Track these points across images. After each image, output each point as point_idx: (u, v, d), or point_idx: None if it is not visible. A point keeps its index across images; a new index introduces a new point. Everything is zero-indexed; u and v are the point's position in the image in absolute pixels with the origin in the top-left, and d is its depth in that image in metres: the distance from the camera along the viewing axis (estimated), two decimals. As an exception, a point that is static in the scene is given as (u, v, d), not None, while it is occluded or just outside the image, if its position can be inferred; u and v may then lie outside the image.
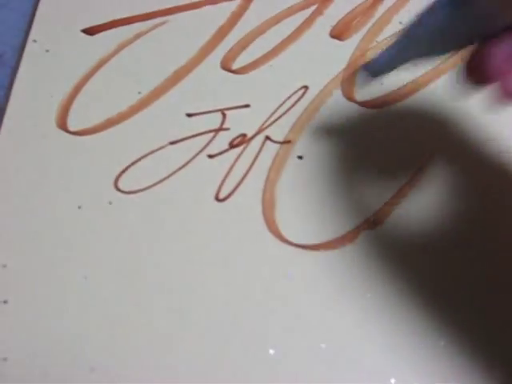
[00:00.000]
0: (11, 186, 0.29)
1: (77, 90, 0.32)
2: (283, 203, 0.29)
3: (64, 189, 0.29)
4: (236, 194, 0.29)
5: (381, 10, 0.39)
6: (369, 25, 0.38)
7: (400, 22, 0.39)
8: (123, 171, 0.29)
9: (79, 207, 0.28)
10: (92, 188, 0.29)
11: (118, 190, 0.29)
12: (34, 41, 0.34)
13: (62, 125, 0.31)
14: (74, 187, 0.29)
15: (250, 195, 0.30)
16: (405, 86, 0.35)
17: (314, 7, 0.38)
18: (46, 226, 0.28)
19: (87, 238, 0.28)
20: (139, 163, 0.30)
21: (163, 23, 0.36)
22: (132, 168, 0.30)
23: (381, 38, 0.38)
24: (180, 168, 0.30)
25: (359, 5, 0.39)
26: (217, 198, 0.29)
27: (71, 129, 0.31)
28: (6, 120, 0.31)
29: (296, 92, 0.34)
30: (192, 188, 0.29)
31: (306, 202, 0.30)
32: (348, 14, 0.38)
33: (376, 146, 0.32)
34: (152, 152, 0.30)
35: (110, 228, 0.28)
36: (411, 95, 0.35)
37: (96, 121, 0.31)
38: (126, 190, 0.29)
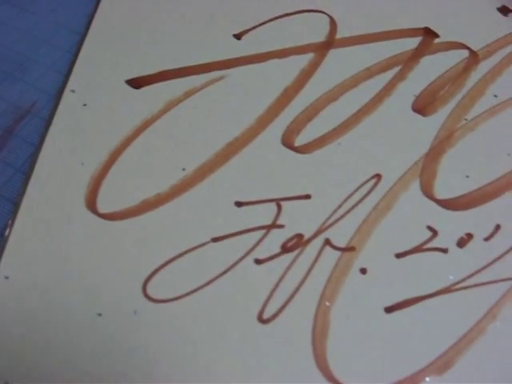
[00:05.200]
0: (23, 275, 0.25)
1: (113, 158, 0.28)
2: (337, 332, 0.25)
3: (83, 289, 0.25)
4: (283, 314, 0.25)
5: (474, 77, 0.33)
6: (458, 96, 0.33)
7: (495, 96, 0.33)
8: (154, 272, 0.25)
9: (99, 314, 0.24)
10: (116, 292, 0.25)
11: (146, 296, 0.24)
12: (72, 91, 0.30)
13: (91, 204, 0.26)
14: (95, 289, 0.25)
15: (299, 318, 0.25)
16: (499, 179, 0.30)
17: (396, 69, 0.33)
18: (59, 334, 0.24)
19: (103, 352, 0.23)
20: (174, 263, 0.25)
21: (220, 79, 0.31)
22: (165, 269, 0.25)
23: (471, 114, 0.32)
24: (221, 274, 0.25)
25: (449, 69, 0.33)
26: (260, 319, 0.25)
27: (101, 210, 0.26)
28: (29, 189, 0.27)
29: (367, 182, 0.29)
30: (232, 302, 0.25)
31: (365, 332, 0.25)
32: (435, 80, 0.33)
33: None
34: (191, 250, 0.26)
35: (132, 344, 0.24)
36: (506, 192, 0.29)
37: (130, 202, 0.27)
38: (155, 297, 0.25)
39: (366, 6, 0.35)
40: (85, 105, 0.29)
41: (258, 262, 0.26)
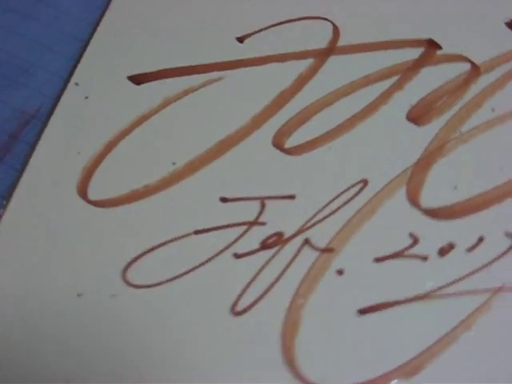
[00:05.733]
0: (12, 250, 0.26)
1: (108, 149, 0.29)
2: (308, 329, 0.25)
3: (67, 270, 0.26)
4: (256, 308, 0.25)
5: (474, 89, 0.33)
6: (455, 108, 0.33)
7: (493, 109, 0.33)
8: (135, 259, 0.26)
9: (79, 295, 0.25)
10: (97, 274, 0.26)
11: (125, 280, 0.25)
12: (76, 84, 0.31)
13: (82, 191, 0.28)
14: (78, 271, 0.26)
15: (271, 313, 0.25)
16: (488, 191, 0.30)
17: (394, 78, 0.33)
18: (40, 313, 0.25)
19: (81, 333, 0.25)
20: (155, 251, 0.26)
21: (218, 79, 0.32)
22: (146, 256, 0.26)
23: (466, 126, 0.32)
24: (200, 265, 0.26)
25: (449, 81, 0.33)
26: (232, 310, 0.25)
27: (91, 197, 0.28)
28: (25, 174, 0.28)
29: (353, 186, 0.29)
30: (208, 293, 0.26)
31: (336, 332, 0.25)
32: (433, 91, 0.33)
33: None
34: (173, 240, 0.27)
35: (108, 326, 0.25)
36: (494, 204, 0.29)
37: (120, 190, 0.28)
38: (134, 282, 0.26)
39: (370, 15, 0.36)
40: (87, 97, 0.31)
41: (236, 256, 0.27)
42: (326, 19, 0.35)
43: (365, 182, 0.29)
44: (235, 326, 0.25)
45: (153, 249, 0.26)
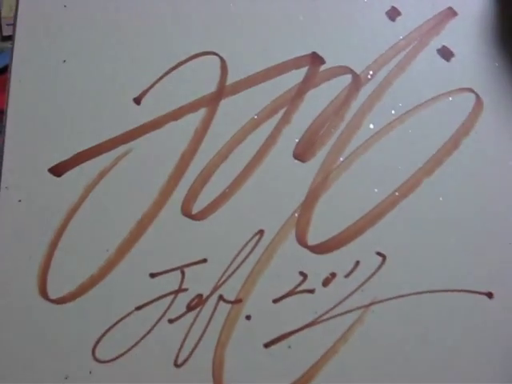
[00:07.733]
0: None
1: (52, 247, 0.36)
2: (231, 367, 0.36)
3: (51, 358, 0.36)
4: (192, 358, 0.36)
5: (354, 107, 0.38)
6: (337, 133, 0.37)
7: (371, 126, 0.37)
8: (98, 341, 0.36)
9: (66, 378, 0.36)
10: (75, 358, 0.36)
11: (96, 358, 0.36)
12: (6, 188, 0.36)
13: (43, 292, 0.36)
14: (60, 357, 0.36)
15: (203, 359, 0.36)
16: (362, 217, 0.37)
17: (282, 111, 0.37)
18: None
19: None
20: (110, 333, 0.36)
21: (126, 153, 0.37)
22: (104, 338, 0.36)
23: (347, 152, 0.37)
24: (144, 335, 0.36)
25: (330, 102, 0.37)
26: (175, 364, 0.36)
27: (51, 296, 0.36)
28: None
29: (251, 239, 0.36)
30: (154, 355, 0.36)
31: (250, 364, 0.36)
32: (316, 119, 0.37)
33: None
34: (121, 319, 0.36)
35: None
36: (369, 228, 0.37)
37: (73, 285, 0.36)
38: (103, 359, 0.36)
39: (254, 40, 0.37)
40: (20, 201, 0.36)
41: (170, 321, 0.36)
42: (213, 53, 0.37)
43: (261, 233, 0.36)
44: (179, 375, 0.36)
45: (108, 331, 0.36)
